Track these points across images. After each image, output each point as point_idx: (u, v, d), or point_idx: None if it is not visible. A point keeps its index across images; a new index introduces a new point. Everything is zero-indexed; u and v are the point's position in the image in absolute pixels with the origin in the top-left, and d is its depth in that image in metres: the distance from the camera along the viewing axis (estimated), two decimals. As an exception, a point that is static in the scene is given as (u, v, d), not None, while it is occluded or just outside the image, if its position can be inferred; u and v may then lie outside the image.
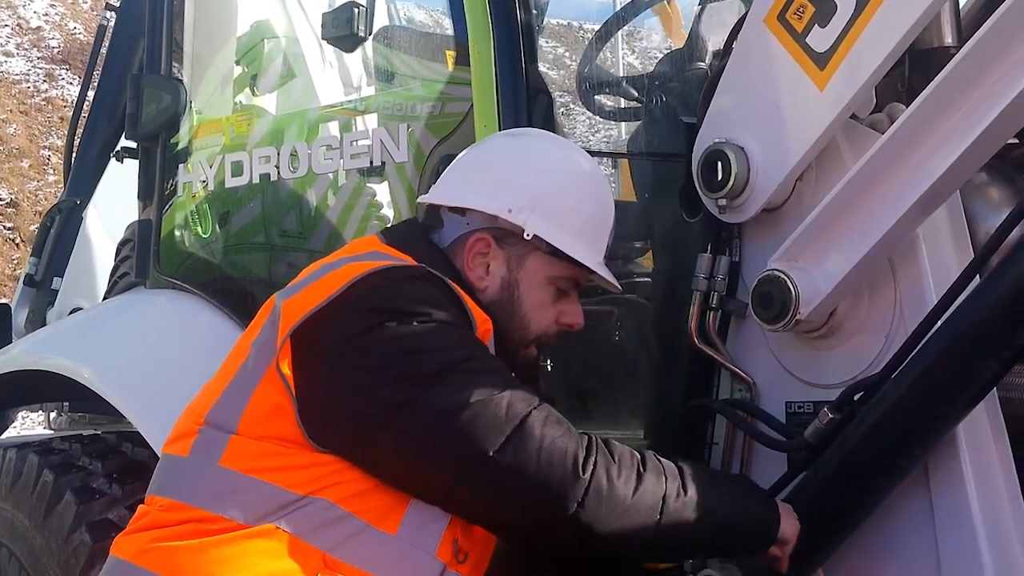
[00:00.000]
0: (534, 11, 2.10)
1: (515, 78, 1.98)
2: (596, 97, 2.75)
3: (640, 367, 2.38)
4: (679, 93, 2.49)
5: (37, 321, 3.54)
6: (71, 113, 3.75)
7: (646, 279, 2.49)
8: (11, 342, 3.42)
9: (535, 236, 1.61)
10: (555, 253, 1.63)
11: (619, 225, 2.57)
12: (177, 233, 2.67)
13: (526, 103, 2.00)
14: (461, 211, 1.66)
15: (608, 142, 6.27)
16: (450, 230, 1.67)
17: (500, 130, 1.94)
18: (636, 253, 2.55)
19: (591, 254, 1.66)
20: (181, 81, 2.67)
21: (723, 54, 2.03)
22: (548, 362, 2.13)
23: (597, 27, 2.84)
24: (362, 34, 2.14)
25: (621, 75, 2.90)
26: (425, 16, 2.91)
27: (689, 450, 2.04)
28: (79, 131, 3.72)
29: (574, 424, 1.49)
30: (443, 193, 1.70)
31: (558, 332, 1.69)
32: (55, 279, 3.58)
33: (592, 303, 2.36)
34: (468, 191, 1.66)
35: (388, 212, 2.37)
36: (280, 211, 2.55)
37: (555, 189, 1.66)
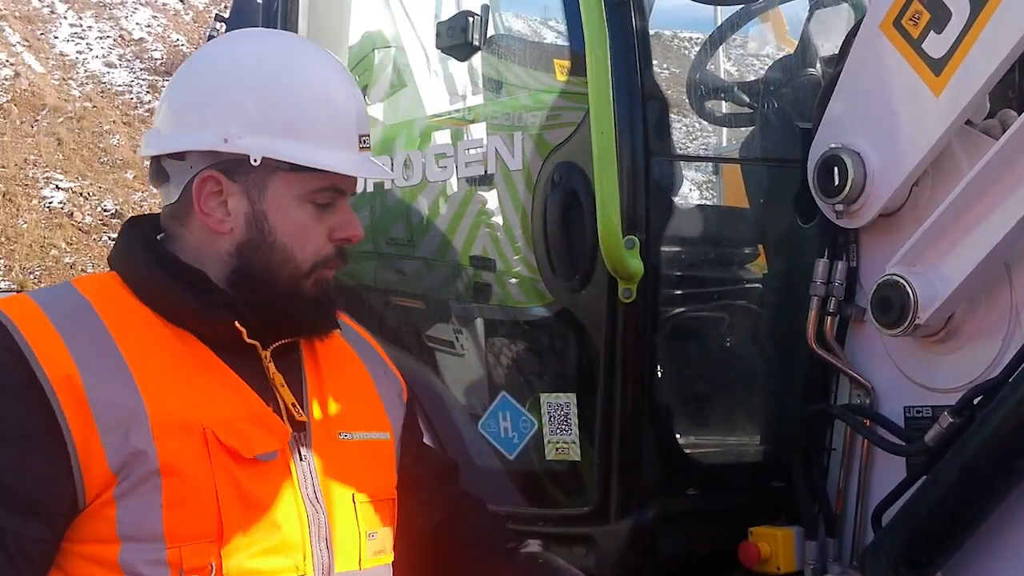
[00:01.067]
0: (648, 18, 2.11)
1: (630, 84, 2.01)
2: (707, 103, 2.74)
3: (756, 372, 2.37)
4: (792, 99, 2.51)
5: None
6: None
7: (759, 284, 2.49)
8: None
9: (264, 158, 1.35)
10: (296, 168, 1.36)
11: (730, 230, 2.59)
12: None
13: (641, 108, 2.02)
14: (180, 155, 1.39)
15: (706, 148, 6.26)
16: (176, 181, 1.40)
17: (617, 137, 1.95)
18: (748, 258, 2.54)
19: (336, 153, 1.39)
20: (296, 92, 2.71)
21: (838, 60, 2.05)
22: (662, 368, 2.14)
23: (692, 35, 2.84)
24: (476, 43, 2.18)
25: (733, 81, 2.88)
26: (534, 25, 2.93)
27: (808, 455, 2.04)
28: None
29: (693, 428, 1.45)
30: (152, 141, 1.42)
31: (338, 250, 1.42)
32: None
33: (706, 309, 2.36)
34: (175, 131, 1.40)
35: (497, 219, 2.40)
36: (390, 219, 2.59)
37: (264, 95, 1.37)
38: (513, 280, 2.33)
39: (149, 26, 18.62)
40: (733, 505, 2.12)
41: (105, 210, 14.03)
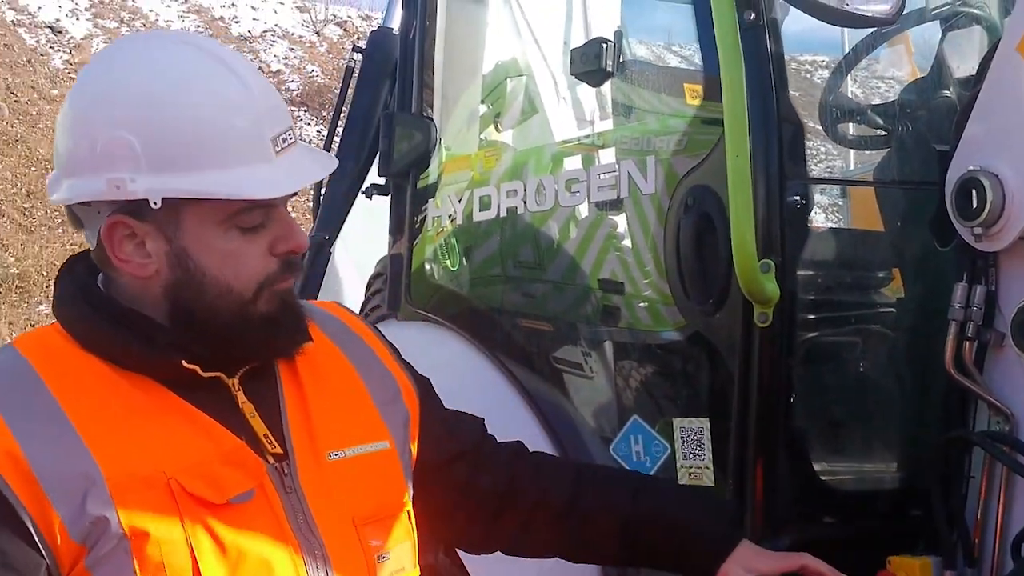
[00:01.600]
0: (781, 40, 2.10)
1: (765, 106, 2.00)
2: (839, 126, 2.71)
3: (892, 398, 2.32)
4: (927, 121, 2.46)
5: None
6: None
7: (894, 308, 2.43)
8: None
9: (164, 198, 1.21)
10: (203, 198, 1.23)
11: (865, 253, 2.54)
12: (426, 266, 2.80)
13: (777, 131, 2.01)
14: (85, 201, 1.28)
15: (831, 171, 6.14)
16: (89, 226, 1.29)
17: (752, 159, 1.94)
18: (883, 282, 2.49)
19: (243, 171, 1.23)
20: (432, 119, 2.81)
21: (975, 82, 2.02)
22: (797, 393, 2.11)
23: (815, 58, 2.81)
24: (610, 69, 2.21)
25: (865, 104, 2.84)
26: (658, 51, 2.95)
27: (947, 482, 1.99)
28: None
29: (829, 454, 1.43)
30: (52, 188, 1.31)
31: (284, 264, 1.30)
32: None
33: (841, 333, 2.32)
34: (68, 177, 1.28)
35: (627, 242, 2.41)
36: (519, 243, 2.64)
37: (146, 128, 1.21)
38: (643, 303, 2.34)
39: (286, 58, 19.37)
40: (870, 533, 2.07)
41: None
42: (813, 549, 2.02)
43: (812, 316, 2.22)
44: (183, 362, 1.25)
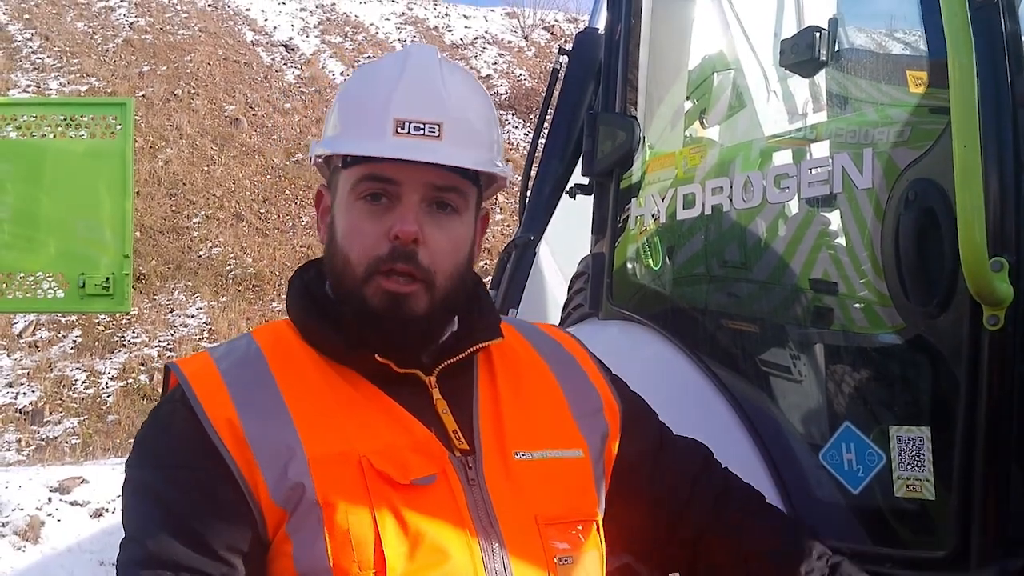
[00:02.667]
0: (1019, 19, 1.93)
1: (998, 92, 1.84)
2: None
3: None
4: None
5: None
6: (517, 155, 4.06)
7: None
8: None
9: (320, 158, 1.43)
10: (344, 163, 1.37)
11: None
12: (628, 265, 2.76)
13: (1012, 118, 1.85)
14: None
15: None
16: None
17: (982, 149, 1.79)
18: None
19: (360, 141, 1.36)
20: (635, 118, 2.77)
21: None
22: None
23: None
24: (824, 58, 2.10)
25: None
26: (879, 37, 2.78)
27: None
28: (532, 171, 3.96)
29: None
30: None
31: (392, 251, 1.33)
32: (511, 310, 3.76)
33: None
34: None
35: (840, 240, 2.28)
36: (724, 241, 2.55)
37: (332, 104, 1.47)
38: (858, 304, 2.20)
39: (495, 63, 19.86)
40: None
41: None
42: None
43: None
44: (376, 356, 1.35)
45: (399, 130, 1.34)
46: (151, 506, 1.29)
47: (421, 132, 1.34)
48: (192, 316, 12.61)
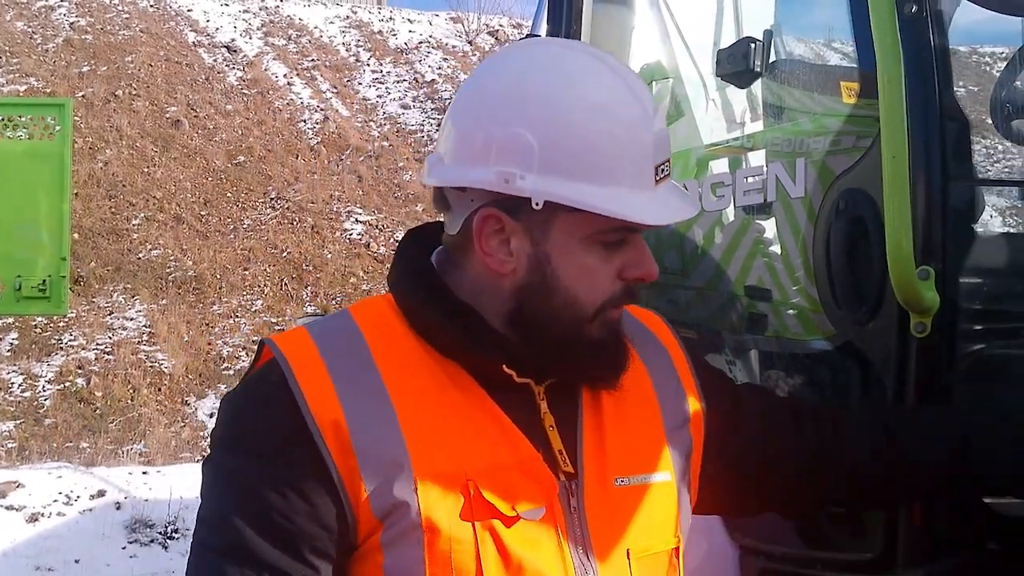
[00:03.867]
0: (947, 33, 1.97)
1: (926, 103, 1.88)
2: (1013, 123, 2.53)
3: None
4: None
5: None
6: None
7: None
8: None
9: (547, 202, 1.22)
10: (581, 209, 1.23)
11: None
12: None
13: (939, 129, 1.89)
14: (461, 187, 1.30)
15: (1010, 171, 5.78)
16: (457, 212, 1.31)
17: (910, 160, 1.83)
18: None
19: (626, 193, 1.22)
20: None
21: None
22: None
23: (994, 50, 2.62)
24: (758, 69, 2.14)
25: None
26: (816, 48, 2.83)
27: None
28: None
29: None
30: (435, 170, 1.33)
31: (626, 289, 1.29)
32: None
33: (1011, 346, 2.16)
34: (455, 162, 1.29)
35: (775, 248, 2.32)
36: (663, 248, 2.58)
37: (545, 129, 1.22)
38: (791, 311, 2.24)
39: (440, 68, 19.81)
40: (1041, 564, 1.92)
41: (397, 241, 15.00)
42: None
43: (977, 327, 2.07)
44: (503, 366, 1.27)
45: (657, 177, 1.26)
46: (238, 494, 1.23)
47: (664, 173, 1.27)
48: (131, 319, 12.38)
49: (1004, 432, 1.58)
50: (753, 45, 2.14)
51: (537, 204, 1.22)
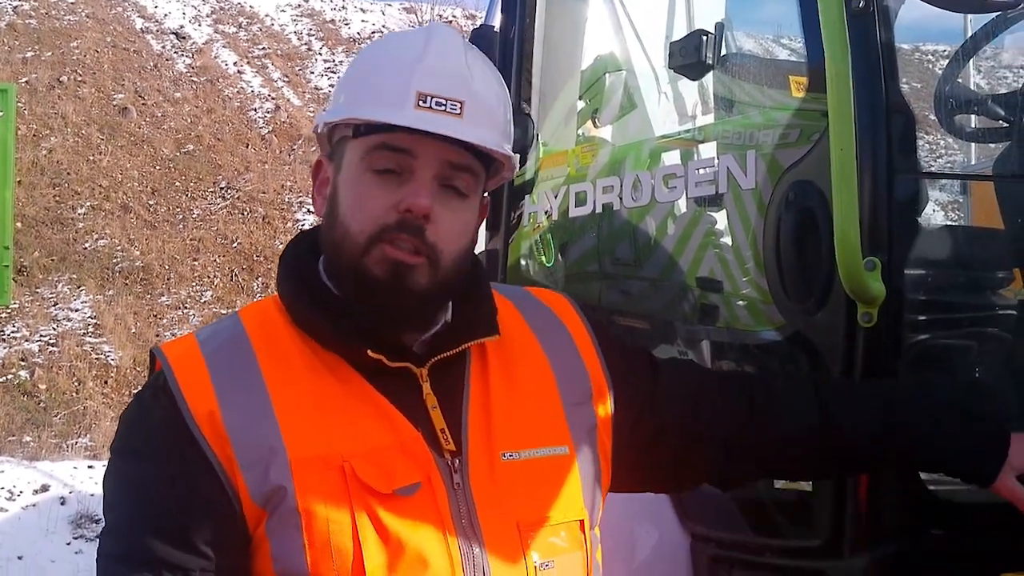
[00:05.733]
0: (893, 29, 2.01)
1: (873, 98, 1.92)
2: (955, 118, 2.58)
3: (1008, 404, 2.19)
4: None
5: None
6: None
7: (1014, 311, 2.30)
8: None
9: (327, 126, 1.35)
10: (356, 133, 1.31)
11: (983, 252, 2.42)
12: (522, 262, 2.78)
13: (885, 124, 1.92)
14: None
15: (952, 165, 5.90)
16: None
17: (858, 153, 1.86)
18: (1002, 283, 2.36)
19: (380, 106, 1.29)
20: (529, 116, 2.79)
21: None
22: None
23: (936, 48, 2.68)
24: (710, 61, 2.16)
25: (986, 94, 2.70)
26: (766, 43, 2.87)
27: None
28: None
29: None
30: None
31: (401, 221, 1.28)
32: None
33: (954, 336, 2.21)
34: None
35: (726, 239, 2.35)
36: (616, 239, 2.60)
37: (346, 75, 1.40)
38: (742, 302, 2.27)
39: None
40: (982, 548, 1.96)
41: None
42: (918, 562, 1.95)
43: (922, 317, 2.12)
44: (368, 351, 1.29)
45: (421, 103, 1.28)
46: (131, 498, 1.27)
47: (443, 108, 1.29)
48: (76, 310, 12.16)
49: (932, 410, 1.62)
50: (705, 38, 2.16)
51: (317, 128, 1.37)
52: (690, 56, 2.18)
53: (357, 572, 1.22)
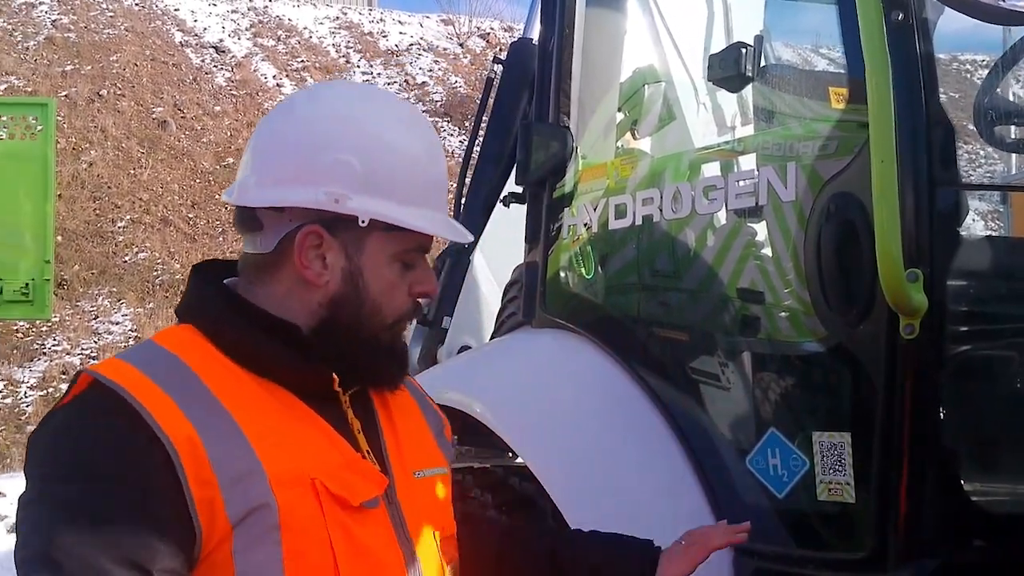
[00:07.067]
0: (933, 40, 2.01)
1: (913, 110, 1.92)
2: (995, 128, 2.57)
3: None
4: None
5: (428, 358, 3.76)
6: (452, 162, 4.05)
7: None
8: (406, 378, 3.64)
9: (366, 215, 1.38)
10: (389, 228, 1.39)
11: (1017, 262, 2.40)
12: (561, 274, 2.80)
13: (925, 135, 1.93)
14: (280, 208, 1.40)
15: (991, 176, 5.85)
16: (272, 231, 1.41)
17: (899, 165, 1.87)
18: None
19: (428, 213, 1.41)
20: (568, 128, 2.81)
21: None
22: (946, 409, 2.01)
23: (975, 58, 2.67)
24: (749, 74, 2.17)
25: (1026, 104, 2.68)
26: (804, 54, 2.87)
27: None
28: (467, 178, 3.96)
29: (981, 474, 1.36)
30: (249, 192, 1.42)
31: (414, 305, 1.47)
32: (445, 318, 3.78)
33: (996, 347, 2.20)
34: (276, 184, 1.39)
35: (767, 251, 2.35)
36: (655, 252, 2.61)
37: (368, 155, 1.39)
38: (783, 314, 2.27)
39: (431, 71, 19.83)
40: (1026, 560, 1.95)
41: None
42: (962, 573, 1.94)
43: (964, 329, 2.11)
44: (333, 374, 1.39)
45: (441, 208, 1.46)
46: (78, 525, 1.20)
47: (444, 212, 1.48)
48: (117, 323, 12.34)
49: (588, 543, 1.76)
50: (744, 50, 2.17)
51: (363, 222, 1.37)
52: (730, 69, 2.19)
53: None
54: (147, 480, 1.22)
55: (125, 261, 13.39)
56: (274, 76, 18.48)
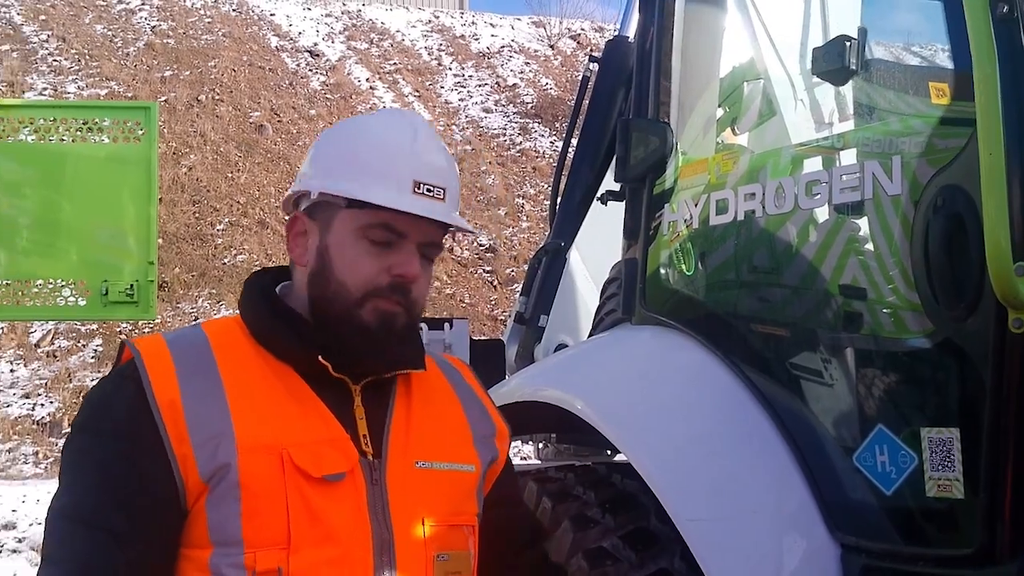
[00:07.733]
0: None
1: (1020, 102, 1.90)
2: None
3: None
4: None
5: (525, 356, 3.77)
6: (543, 163, 4.07)
7: None
8: (504, 376, 3.62)
9: (325, 195, 1.57)
10: (352, 204, 1.56)
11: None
12: (661, 271, 2.81)
13: (1035, 127, 1.90)
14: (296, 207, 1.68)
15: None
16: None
17: (1007, 158, 1.85)
18: None
19: (382, 192, 1.54)
20: (668, 124, 2.83)
21: None
22: None
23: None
24: (853, 67, 2.17)
25: None
26: (903, 48, 2.84)
27: None
28: (562, 178, 3.97)
29: None
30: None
31: (392, 284, 1.57)
32: (542, 317, 3.80)
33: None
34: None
35: (870, 246, 2.34)
36: (754, 247, 2.60)
37: (336, 146, 1.64)
38: (887, 309, 2.26)
39: (522, 72, 19.93)
40: None
41: (480, 245, 15.12)
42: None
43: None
44: (319, 357, 1.55)
45: (416, 190, 1.57)
46: (86, 469, 1.48)
47: (431, 194, 1.59)
48: (219, 322, 12.67)
49: None
50: (848, 43, 2.17)
51: (312, 195, 1.58)
52: (834, 61, 2.19)
53: (284, 541, 1.46)
54: (137, 434, 1.46)
55: (224, 263, 13.77)
56: (367, 79, 18.80)
